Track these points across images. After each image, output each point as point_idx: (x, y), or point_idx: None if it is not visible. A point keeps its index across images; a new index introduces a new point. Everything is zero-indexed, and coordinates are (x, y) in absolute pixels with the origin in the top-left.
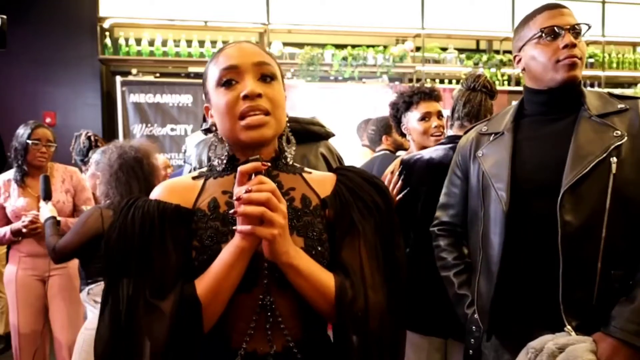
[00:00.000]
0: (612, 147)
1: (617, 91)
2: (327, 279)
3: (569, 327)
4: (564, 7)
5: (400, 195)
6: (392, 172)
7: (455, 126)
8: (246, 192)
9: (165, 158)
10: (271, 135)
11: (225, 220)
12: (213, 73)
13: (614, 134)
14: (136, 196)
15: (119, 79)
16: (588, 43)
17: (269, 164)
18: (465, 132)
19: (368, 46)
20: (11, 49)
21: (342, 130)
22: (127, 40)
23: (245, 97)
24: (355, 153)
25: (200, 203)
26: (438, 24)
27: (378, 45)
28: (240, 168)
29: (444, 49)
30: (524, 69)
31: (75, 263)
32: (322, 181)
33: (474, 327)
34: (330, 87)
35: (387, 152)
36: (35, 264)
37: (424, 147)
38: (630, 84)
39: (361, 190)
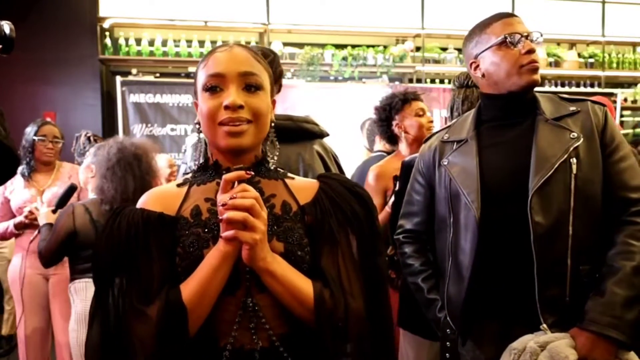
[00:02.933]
0: (571, 148)
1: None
2: (304, 286)
3: (544, 325)
4: (516, 15)
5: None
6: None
7: None
8: (231, 198)
9: (169, 157)
10: (249, 144)
11: (207, 227)
12: (201, 76)
13: (571, 136)
14: (123, 205)
15: (119, 79)
16: (588, 43)
17: (253, 172)
18: (425, 140)
19: (368, 46)
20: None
21: (342, 130)
22: (127, 40)
23: (227, 108)
24: (355, 153)
25: (184, 210)
26: (438, 24)
27: (378, 45)
28: (224, 176)
29: (444, 49)
30: (483, 75)
31: None
32: (303, 188)
33: (448, 330)
34: (330, 87)
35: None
36: (37, 261)
37: (417, 141)
38: (630, 84)
39: (341, 199)
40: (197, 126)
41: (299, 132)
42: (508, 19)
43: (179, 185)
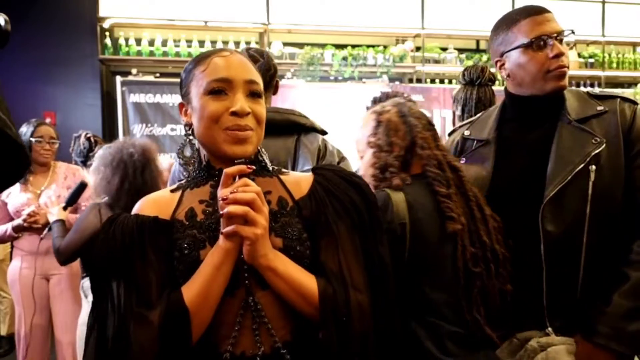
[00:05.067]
0: (591, 155)
1: (597, 90)
2: (308, 282)
3: (549, 328)
4: (547, 11)
5: None
6: None
7: None
8: (232, 193)
9: (170, 159)
10: (252, 151)
11: (202, 228)
12: (200, 79)
13: (593, 141)
14: (117, 213)
15: (119, 79)
16: (588, 43)
17: (254, 167)
18: (450, 134)
19: (368, 46)
20: (11, 49)
21: (342, 130)
22: (127, 40)
23: (235, 114)
24: (354, 153)
25: (178, 214)
26: (438, 24)
27: (378, 45)
28: (225, 170)
29: (444, 49)
30: (508, 75)
31: (78, 262)
32: (299, 182)
33: None
34: (330, 87)
35: None
36: (38, 262)
37: None
38: (630, 84)
39: (338, 189)
40: (187, 128)
41: (286, 125)
42: (537, 17)
43: (172, 191)
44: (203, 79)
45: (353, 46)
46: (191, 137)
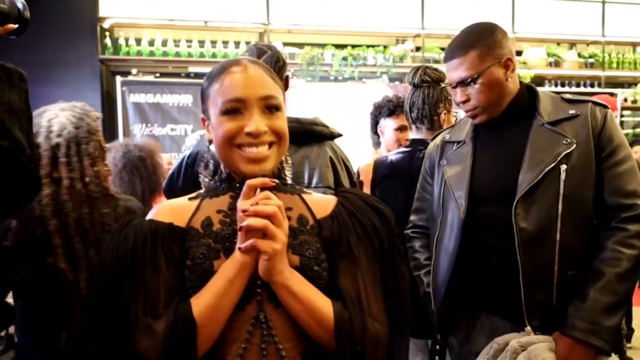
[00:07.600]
0: (562, 155)
1: (569, 95)
2: (324, 305)
3: (528, 327)
4: (454, 56)
5: None
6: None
7: (413, 130)
8: (252, 205)
9: (169, 157)
10: (271, 169)
11: (217, 238)
12: (216, 98)
13: (564, 142)
14: (132, 217)
15: (119, 79)
16: (588, 43)
17: (277, 181)
18: (433, 138)
19: (368, 46)
20: (11, 49)
21: (342, 130)
22: (127, 40)
23: (249, 135)
24: (354, 153)
25: (194, 222)
26: (438, 24)
27: (378, 45)
28: (248, 182)
29: (444, 49)
30: None
31: None
32: (321, 202)
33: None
34: (330, 87)
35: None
36: None
37: (389, 150)
38: (630, 84)
39: (361, 213)
40: (209, 144)
41: (306, 135)
42: (447, 64)
43: (190, 199)
44: (218, 98)
45: (353, 46)
46: (211, 154)
